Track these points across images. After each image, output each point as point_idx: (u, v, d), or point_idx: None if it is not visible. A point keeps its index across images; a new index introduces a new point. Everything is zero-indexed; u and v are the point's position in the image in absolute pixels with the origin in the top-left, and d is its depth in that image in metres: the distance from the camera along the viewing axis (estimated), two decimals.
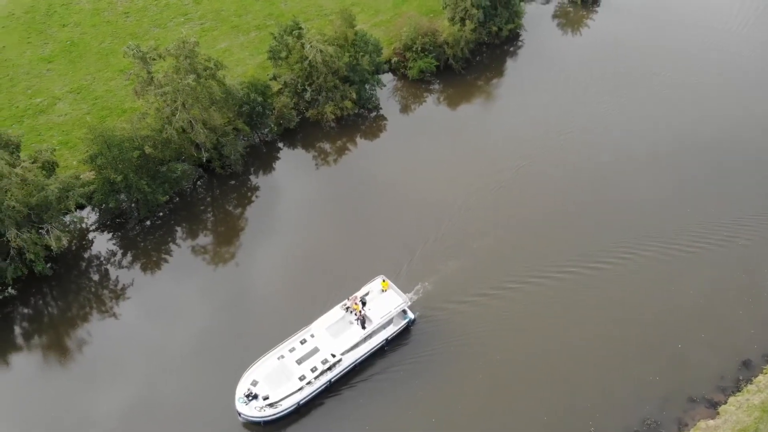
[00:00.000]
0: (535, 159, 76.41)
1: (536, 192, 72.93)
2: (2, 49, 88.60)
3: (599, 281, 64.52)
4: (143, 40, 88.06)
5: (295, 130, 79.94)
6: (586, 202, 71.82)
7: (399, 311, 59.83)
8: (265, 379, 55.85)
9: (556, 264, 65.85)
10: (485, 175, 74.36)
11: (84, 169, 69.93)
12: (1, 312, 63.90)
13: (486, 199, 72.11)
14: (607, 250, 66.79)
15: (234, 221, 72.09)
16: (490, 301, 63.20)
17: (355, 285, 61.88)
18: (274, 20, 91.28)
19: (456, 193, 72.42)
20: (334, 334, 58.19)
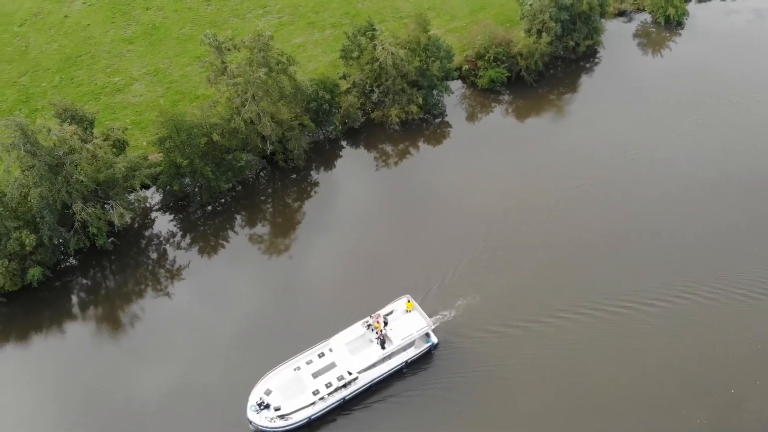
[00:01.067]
0: (598, 180, 74.46)
1: (592, 215, 71.01)
2: (87, 27, 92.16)
3: (651, 318, 62.01)
4: (221, 29, 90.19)
5: (359, 130, 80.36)
6: (646, 232, 69.33)
7: (421, 334, 58.29)
8: (279, 389, 55.23)
9: (604, 297, 63.52)
10: (543, 192, 72.98)
11: (152, 151, 71.99)
12: (60, 280, 66.48)
13: (538, 217, 70.63)
14: (664, 287, 64.22)
15: (291, 214, 73.02)
16: (522, 333, 61.10)
17: (387, 296, 61.17)
18: (349, 19, 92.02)
19: (508, 209, 71.29)
20: (352, 351, 57.08)
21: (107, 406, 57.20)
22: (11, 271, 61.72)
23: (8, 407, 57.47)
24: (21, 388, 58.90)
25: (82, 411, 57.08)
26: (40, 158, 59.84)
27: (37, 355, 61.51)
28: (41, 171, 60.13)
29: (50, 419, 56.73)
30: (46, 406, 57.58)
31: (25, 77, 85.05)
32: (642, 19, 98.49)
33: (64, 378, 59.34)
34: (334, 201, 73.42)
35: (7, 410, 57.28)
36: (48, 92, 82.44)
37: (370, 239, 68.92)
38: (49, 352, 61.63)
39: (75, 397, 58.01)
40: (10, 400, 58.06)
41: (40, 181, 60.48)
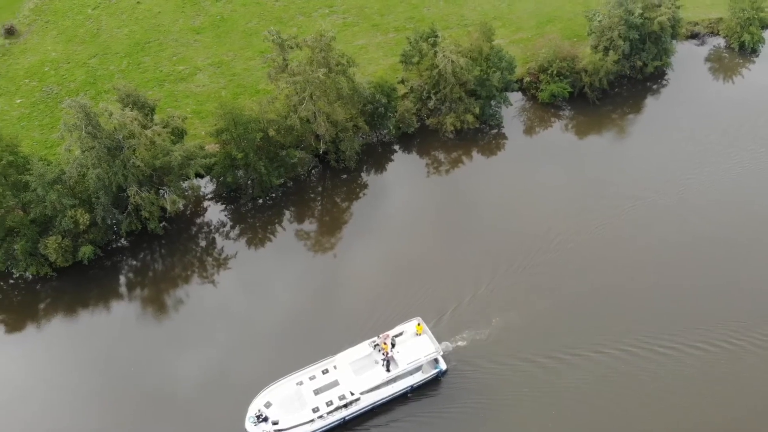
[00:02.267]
0: (647, 204, 72.03)
1: (635, 243, 68.36)
2: (158, 14, 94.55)
3: (689, 366, 58.56)
4: (287, 25, 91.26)
5: (413, 136, 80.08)
6: (690, 268, 65.92)
7: (429, 360, 56.85)
8: (279, 403, 54.33)
9: (636, 337, 60.33)
10: (589, 212, 71.12)
11: (209, 141, 73.39)
12: (111, 260, 68.36)
13: (579, 239, 68.53)
14: (711, 329, 60.77)
15: (339, 214, 73.30)
16: (537, 369, 58.36)
17: (409, 312, 60.58)
18: (414, 24, 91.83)
19: (550, 228, 69.48)
20: (356, 371, 55.84)
21: (139, 387, 58.38)
22: (64, 248, 63.69)
23: (48, 378, 59.34)
24: (62, 361, 60.79)
25: (115, 389, 58.43)
26: (99, 140, 61.60)
27: (81, 330, 63.45)
28: (100, 153, 61.89)
29: (84, 393, 58.32)
30: (83, 380, 59.21)
31: (95, 59, 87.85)
32: (715, 43, 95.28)
33: (104, 355, 60.92)
34: (381, 205, 73.36)
35: (47, 381, 59.14)
36: (115, 75, 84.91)
37: (407, 248, 68.26)
38: (92, 328, 63.44)
39: (111, 375, 59.41)
40: (51, 371, 59.97)
41: (98, 163, 62.26)
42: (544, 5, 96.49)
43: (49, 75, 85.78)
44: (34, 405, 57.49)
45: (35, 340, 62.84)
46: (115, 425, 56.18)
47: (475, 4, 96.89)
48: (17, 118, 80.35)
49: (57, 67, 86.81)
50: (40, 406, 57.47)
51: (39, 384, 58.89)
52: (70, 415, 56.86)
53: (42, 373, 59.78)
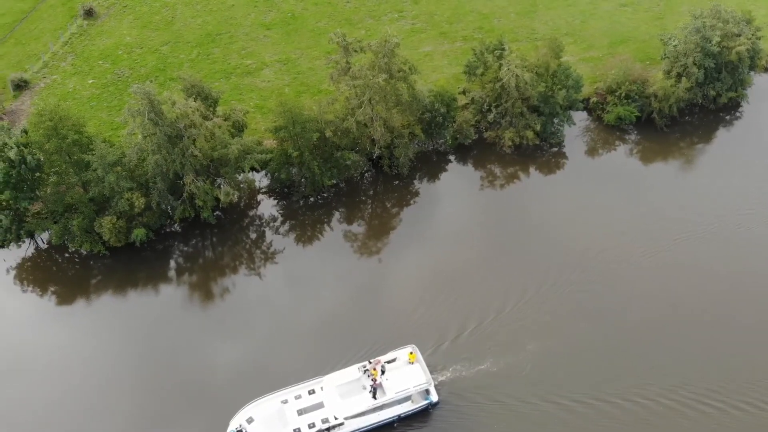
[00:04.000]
0: (703, 236, 68.99)
1: (680, 278, 65.23)
2: (231, 8, 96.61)
3: None
4: (355, 27, 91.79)
5: (470, 147, 79.24)
6: (745, 309, 62.26)
7: (419, 390, 55.19)
8: (262, 419, 53.33)
9: (663, 386, 56.80)
10: (638, 241, 68.68)
11: (267, 137, 74.51)
12: (162, 244, 70.19)
13: (622, 269, 66.22)
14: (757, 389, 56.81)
15: (388, 219, 73.21)
16: (534, 413, 55.50)
17: (427, 333, 59.69)
18: (482, 34, 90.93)
19: (595, 254, 67.40)
20: (342, 395, 54.48)
21: (175, 371, 59.65)
22: (118, 228, 65.71)
23: (89, 351, 61.36)
24: (104, 336, 62.72)
25: (149, 369, 59.95)
26: (161, 128, 63.25)
27: (127, 309, 65.31)
28: (160, 140, 63.55)
29: (119, 369, 59.96)
30: (120, 357, 60.95)
31: (167, 47, 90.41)
32: None
33: (144, 334, 62.61)
34: (429, 214, 72.92)
35: (87, 354, 61.18)
36: (184, 64, 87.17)
37: (447, 260, 67.54)
38: (137, 308, 65.27)
39: (147, 355, 61.00)
40: (93, 344, 62.01)
41: (158, 149, 63.96)
42: (619, 24, 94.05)
43: (121, 58, 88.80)
44: (72, 375, 59.54)
45: (83, 314, 65.13)
46: (143, 404, 57.52)
47: (548, 18, 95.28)
48: (88, 98, 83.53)
49: (130, 51, 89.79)
50: (78, 376, 59.48)
51: (80, 355, 61.01)
52: (103, 389, 58.57)
53: (84, 345, 61.95)
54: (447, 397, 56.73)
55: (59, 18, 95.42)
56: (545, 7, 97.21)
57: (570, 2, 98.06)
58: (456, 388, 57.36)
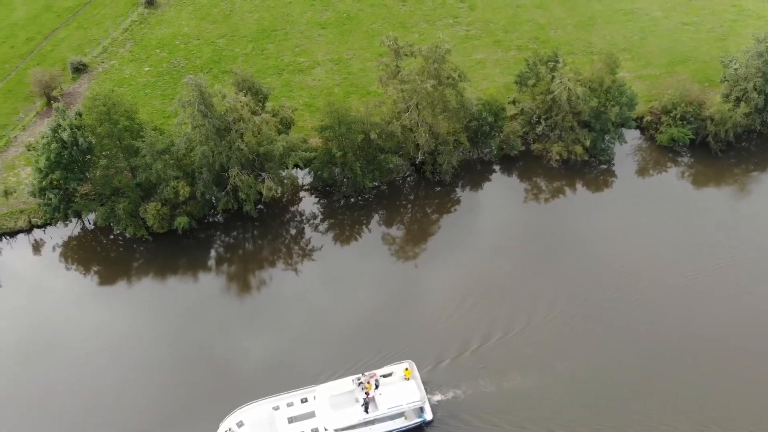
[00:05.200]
0: (741, 267, 66.54)
1: (714, 307, 63.05)
2: (288, 5, 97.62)
3: None
4: (409, 31, 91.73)
5: (515, 159, 78.27)
6: None
7: (412, 408, 54.41)
8: (252, 424, 53.20)
9: (681, 425, 54.50)
10: (678, 264, 66.76)
11: (313, 135, 75.02)
12: (204, 233, 71.36)
13: (656, 291, 64.31)
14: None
15: (427, 225, 72.89)
16: None
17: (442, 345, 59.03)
18: (537, 45, 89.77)
19: (628, 278, 65.73)
20: (334, 406, 53.77)
21: (204, 358, 60.44)
22: (162, 215, 67.00)
23: (125, 334, 62.64)
24: (141, 320, 64.03)
25: (182, 355, 60.98)
26: (210, 120, 64.28)
27: (165, 294, 66.67)
28: (208, 132, 64.57)
29: (153, 354, 61.12)
30: (155, 341, 62.11)
31: (223, 39, 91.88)
32: None
33: (180, 321, 63.66)
34: (469, 222, 72.31)
35: (124, 336, 62.46)
36: (239, 58, 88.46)
37: (483, 270, 66.80)
38: (175, 294, 66.52)
39: (182, 341, 62.05)
40: (130, 327, 63.30)
41: (206, 141, 65.00)
42: (680, 43, 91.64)
43: (178, 48, 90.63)
44: (106, 355, 60.96)
45: (122, 295, 66.65)
46: (170, 388, 58.49)
47: (606, 33, 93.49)
48: (143, 85, 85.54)
49: (187, 41, 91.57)
50: (111, 356, 60.84)
51: (115, 336, 62.38)
52: (133, 370, 59.69)
53: (120, 326, 63.28)
54: (443, 417, 55.79)
55: (121, 5, 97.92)
56: (604, 21, 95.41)
57: (630, 17, 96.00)
58: (454, 408, 56.39)
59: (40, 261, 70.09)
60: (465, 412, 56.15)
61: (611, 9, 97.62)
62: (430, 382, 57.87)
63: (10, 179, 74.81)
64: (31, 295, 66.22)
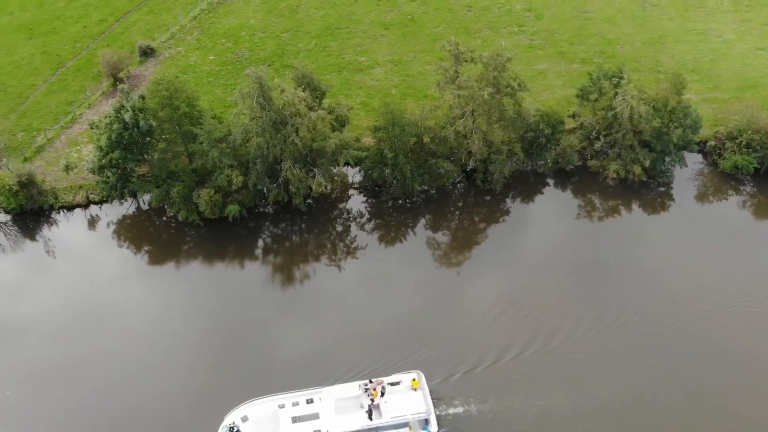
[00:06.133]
0: None
1: (763, 343, 60.82)
2: (354, 3, 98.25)
3: None
4: (472, 37, 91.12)
5: (570, 173, 76.87)
6: None
7: (417, 419, 53.58)
8: (256, 420, 53.57)
9: None
10: (728, 296, 64.50)
11: (366, 135, 75.30)
12: (253, 222, 72.51)
13: (701, 321, 62.22)
14: None
15: (474, 233, 72.23)
16: None
17: None
18: (603, 59, 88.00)
19: (676, 302, 63.94)
20: (338, 410, 53.59)
21: (240, 345, 61.35)
22: (214, 201, 68.31)
23: (167, 314, 64.20)
24: (184, 302, 65.52)
25: (219, 339, 62.01)
26: (267, 112, 65.18)
27: (210, 278, 67.93)
28: (265, 124, 65.49)
29: (191, 337, 62.34)
30: (195, 323, 63.34)
31: (287, 34, 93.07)
32: None
33: (222, 306, 64.79)
34: (517, 234, 71.38)
35: (163, 316, 64.04)
36: (301, 53, 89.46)
37: (524, 284, 65.95)
38: (220, 280, 67.72)
39: (221, 325, 63.12)
40: (173, 308, 64.87)
41: (262, 133, 65.96)
42: (751, 68, 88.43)
43: (243, 39, 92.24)
44: (144, 331, 62.63)
45: (168, 277, 68.34)
46: (204, 371, 59.59)
47: (675, 52, 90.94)
48: (206, 73, 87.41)
49: (252, 34, 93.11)
50: (149, 333, 62.52)
51: (157, 315, 64.00)
52: (169, 351, 61.14)
53: (163, 306, 64.93)
54: (449, 431, 55.08)
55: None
56: (674, 40, 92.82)
57: (701, 38, 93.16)
58: (463, 423, 55.49)
59: (94, 236, 72.57)
60: (475, 429, 55.40)
61: (683, 28, 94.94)
62: (446, 393, 57.36)
63: (73, 155, 77.59)
64: (82, 269, 68.63)
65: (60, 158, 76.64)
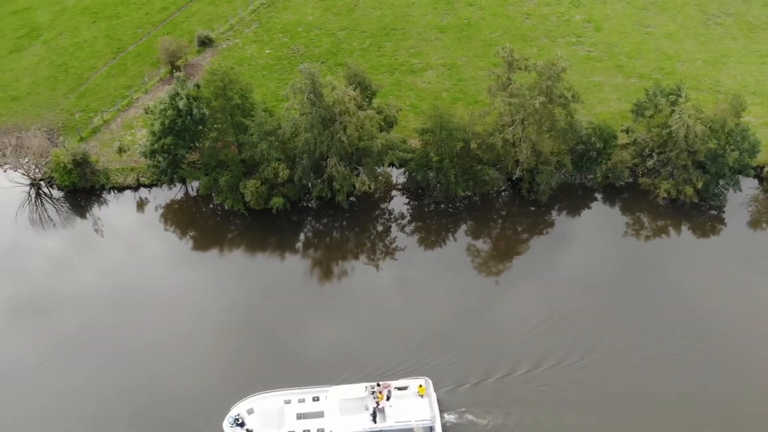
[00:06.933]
0: None
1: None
2: (411, 5, 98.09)
3: None
4: (529, 45, 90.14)
5: (619, 189, 75.22)
6: None
7: (421, 426, 53.17)
8: (261, 413, 54.11)
9: None
10: (745, 329, 62.61)
11: (413, 137, 75.11)
12: (296, 215, 73.25)
13: (740, 354, 60.27)
14: None
15: (515, 244, 71.41)
16: None
17: None
18: (661, 75, 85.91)
19: (714, 330, 62.11)
20: (343, 410, 53.96)
21: (266, 336, 62.11)
22: (260, 192, 69.17)
23: (204, 300, 65.24)
24: (222, 288, 66.42)
25: (252, 327, 62.99)
26: (317, 109, 65.70)
27: (249, 268, 69.07)
28: (314, 120, 66.02)
29: (225, 323, 63.26)
30: (230, 311, 64.23)
31: (343, 32, 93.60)
32: None
33: (259, 295, 65.65)
34: (559, 249, 70.24)
35: (199, 301, 65.10)
36: (355, 52, 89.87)
37: (561, 300, 64.67)
38: (260, 269, 68.96)
39: (257, 314, 63.99)
40: (208, 293, 65.94)
41: (310, 128, 66.47)
42: None
43: (300, 35, 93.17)
44: (180, 313, 63.92)
45: (210, 263, 69.53)
46: (234, 358, 60.66)
47: (737, 73, 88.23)
48: (262, 66, 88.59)
49: (309, 30, 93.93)
50: (184, 316, 63.75)
51: (194, 299, 65.24)
52: (201, 335, 62.23)
53: (200, 291, 66.12)
54: None
55: None
56: (737, 60, 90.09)
57: (765, 60, 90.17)
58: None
59: (141, 218, 74.43)
60: None
61: (747, 49, 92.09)
62: (462, 402, 57.04)
63: (126, 138, 79.65)
64: (126, 249, 70.48)
65: (114, 140, 78.83)
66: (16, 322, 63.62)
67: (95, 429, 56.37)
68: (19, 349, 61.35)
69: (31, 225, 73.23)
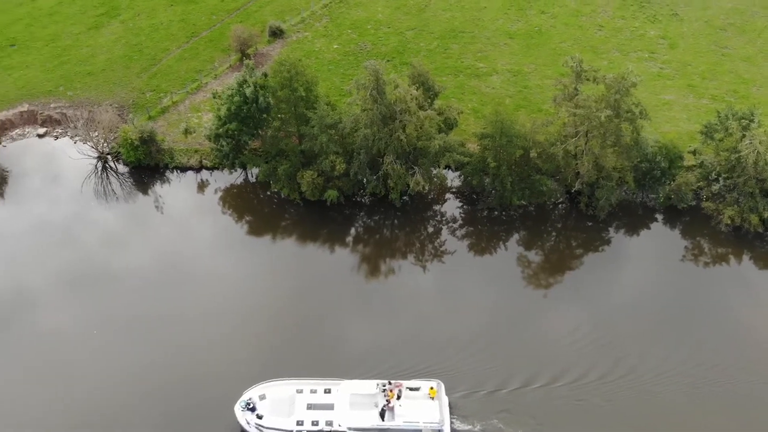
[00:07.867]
0: None
1: None
2: (482, 9, 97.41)
3: None
4: (599, 57, 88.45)
5: (681, 212, 73.00)
6: None
7: (430, 428, 53.08)
8: (272, 400, 54.81)
9: None
10: None
11: (472, 141, 74.63)
12: (349, 209, 73.86)
13: None
14: None
15: (567, 259, 70.10)
16: None
17: None
18: (734, 98, 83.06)
19: (762, 365, 59.89)
20: (353, 405, 54.26)
21: (303, 327, 62.73)
22: (316, 184, 70.05)
23: (246, 283, 66.42)
24: (268, 276, 67.67)
25: (293, 316, 63.67)
26: (379, 106, 66.04)
27: (298, 257, 70.02)
28: (375, 117, 66.40)
29: (266, 309, 64.18)
30: (272, 297, 65.24)
31: (411, 32, 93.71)
32: None
33: (301, 286, 66.42)
34: (613, 268, 68.80)
35: (243, 285, 66.19)
36: (422, 52, 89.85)
37: (600, 325, 63.31)
38: (309, 259, 69.73)
39: (292, 307, 64.58)
40: (254, 278, 67.15)
41: (370, 125, 66.90)
42: None
43: (368, 32, 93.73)
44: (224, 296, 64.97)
45: (262, 248, 70.90)
46: (256, 342, 61.57)
47: None
48: (328, 61, 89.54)
49: (378, 28, 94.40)
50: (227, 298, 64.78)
51: (238, 283, 66.44)
52: (242, 320, 63.15)
53: (247, 275, 67.42)
54: None
55: None
56: None
57: None
58: None
59: (200, 199, 76.35)
60: None
61: None
62: (477, 408, 56.97)
63: (193, 120, 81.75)
64: (183, 228, 72.55)
65: (181, 121, 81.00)
66: (71, 289, 65.98)
67: (117, 396, 57.78)
68: (67, 315, 63.72)
69: (95, 197, 75.99)
